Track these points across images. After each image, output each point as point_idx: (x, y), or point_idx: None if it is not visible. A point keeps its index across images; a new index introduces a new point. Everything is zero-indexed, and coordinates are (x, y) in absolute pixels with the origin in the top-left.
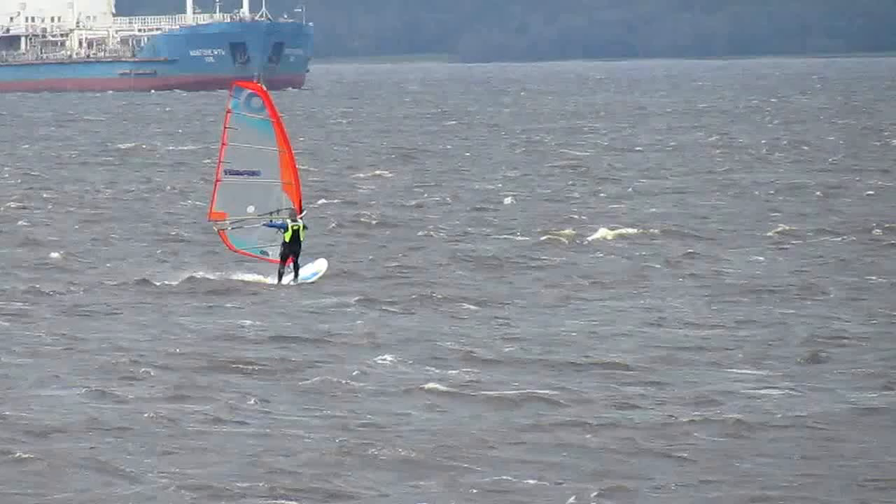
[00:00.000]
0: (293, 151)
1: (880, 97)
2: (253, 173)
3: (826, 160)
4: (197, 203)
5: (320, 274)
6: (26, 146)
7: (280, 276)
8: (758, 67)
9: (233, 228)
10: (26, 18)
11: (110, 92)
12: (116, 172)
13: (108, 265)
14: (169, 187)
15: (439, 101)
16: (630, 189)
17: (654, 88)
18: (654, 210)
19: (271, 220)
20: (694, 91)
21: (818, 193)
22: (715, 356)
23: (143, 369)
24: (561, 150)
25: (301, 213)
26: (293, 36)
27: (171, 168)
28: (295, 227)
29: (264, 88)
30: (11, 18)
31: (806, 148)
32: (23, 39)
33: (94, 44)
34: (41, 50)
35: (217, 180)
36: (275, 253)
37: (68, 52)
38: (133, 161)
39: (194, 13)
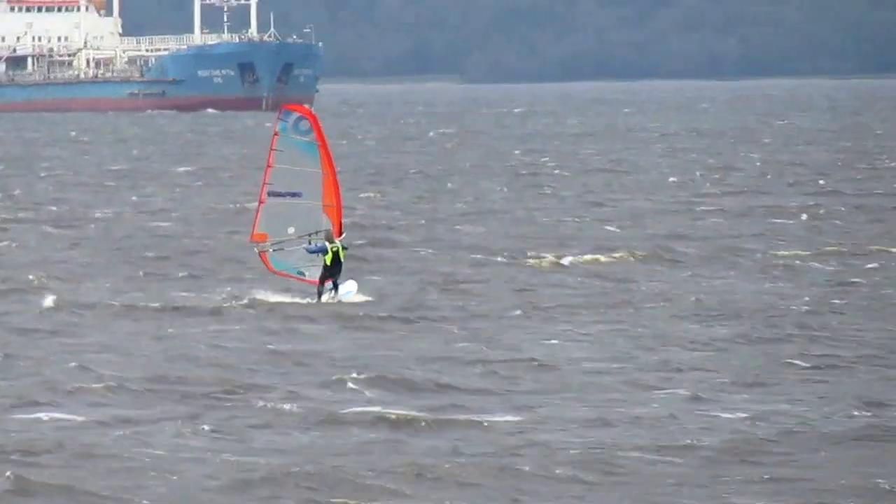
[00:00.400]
0: (337, 174)
1: (881, 119)
2: (294, 195)
3: (815, 182)
4: (181, 226)
5: (352, 293)
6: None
7: (319, 296)
8: (767, 88)
9: (274, 250)
10: (33, 38)
11: (111, 112)
12: (102, 193)
13: (84, 285)
14: (155, 208)
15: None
16: (618, 210)
17: (654, 109)
18: (638, 232)
19: (312, 243)
20: (695, 112)
21: (804, 216)
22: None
23: (101, 390)
24: (548, 170)
25: (340, 235)
26: (302, 56)
27: (166, 188)
28: (334, 249)
29: (313, 112)
30: (18, 38)
31: (799, 170)
32: (30, 59)
33: (102, 64)
34: (48, 70)
35: (260, 202)
36: (312, 273)
37: (76, 73)
38: (123, 182)
39: (202, 33)
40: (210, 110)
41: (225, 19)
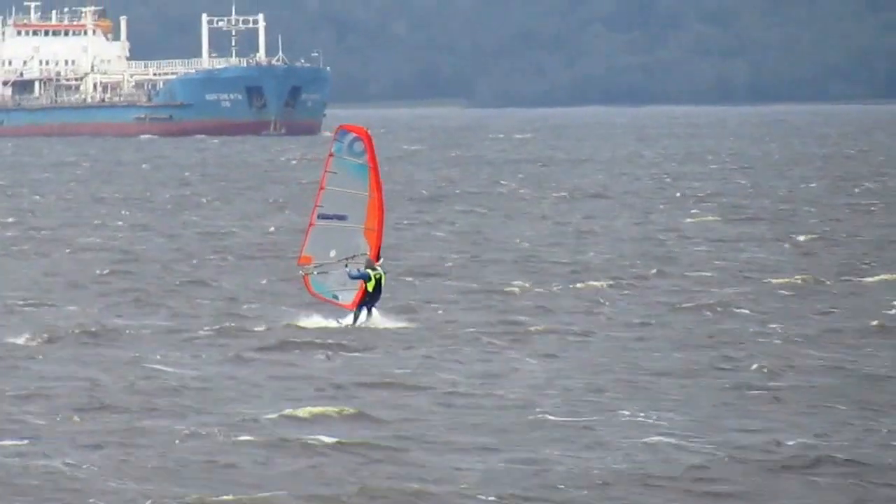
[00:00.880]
0: (383, 198)
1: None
2: (341, 217)
3: (802, 210)
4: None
5: (379, 316)
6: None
7: (356, 319)
8: (777, 114)
9: (318, 273)
10: (40, 62)
11: (120, 136)
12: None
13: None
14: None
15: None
16: (605, 236)
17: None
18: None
19: (353, 268)
20: (691, 137)
21: (786, 245)
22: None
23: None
24: (534, 196)
25: (377, 259)
26: (310, 80)
27: (158, 215)
28: (377, 276)
29: (369, 133)
30: (25, 62)
31: (782, 193)
32: (36, 83)
33: (109, 88)
34: (55, 94)
35: (311, 224)
36: (344, 297)
37: (83, 97)
38: (103, 205)
39: (210, 57)
40: (203, 136)
41: (233, 43)
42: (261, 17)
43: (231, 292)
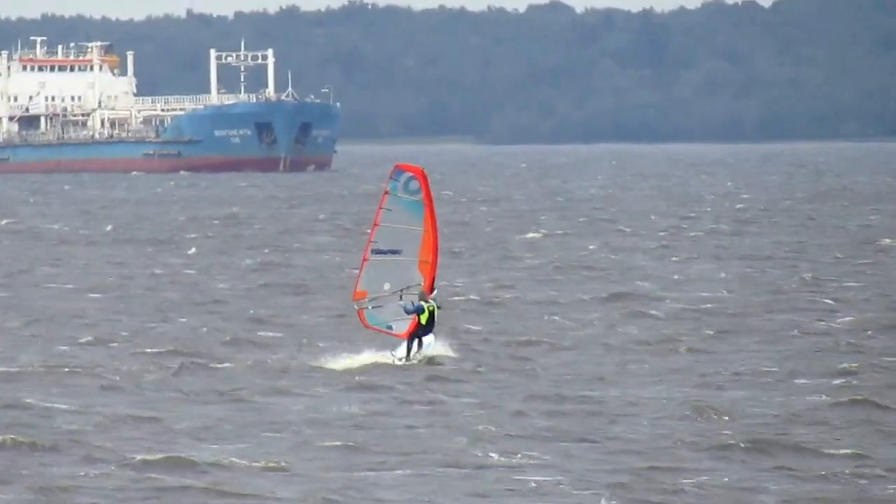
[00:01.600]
0: (438, 231)
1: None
2: (395, 252)
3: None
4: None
5: (433, 345)
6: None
7: (409, 350)
8: (787, 152)
9: (373, 307)
10: (46, 98)
11: (134, 173)
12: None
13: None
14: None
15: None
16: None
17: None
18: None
19: (407, 301)
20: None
21: (763, 299)
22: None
23: None
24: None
25: (431, 291)
26: (320, 116)
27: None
28: (431, 309)
29: (424, 171)
30: (31, 98)
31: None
32: (42, 119)
33: (117, 124)
34: (62, 130)
35: (364, 259)
36: (398, 327)
37: (90, 133)
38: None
39: (219, 93)
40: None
41: (242, 79)
42: (270, 52)
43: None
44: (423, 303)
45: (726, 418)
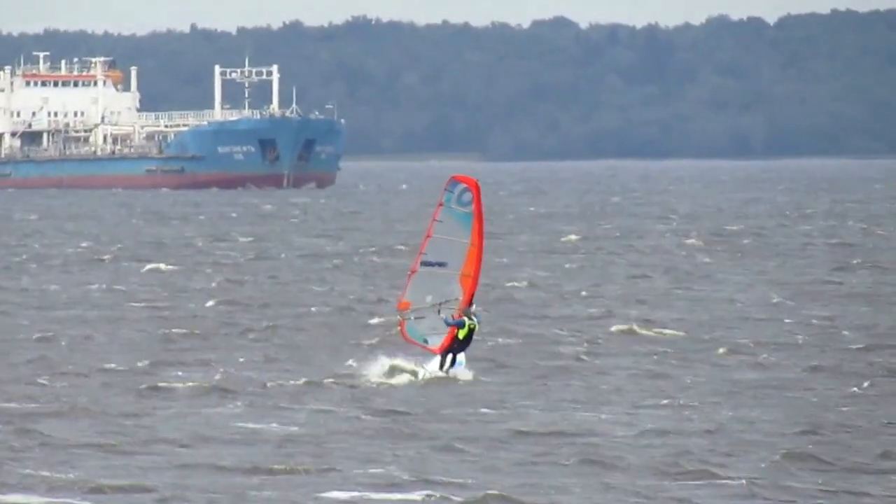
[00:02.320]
0: (483, 246)
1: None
2: (441, 264)
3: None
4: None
5: (464, 364)
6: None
7: (442, 365)
8: (791, 168)
9: (415, 318)
10: (48, 114)
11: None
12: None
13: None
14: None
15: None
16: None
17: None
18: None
19: (447, 315)
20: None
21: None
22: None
23: None
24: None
25: (469, 305)
26: (324, 133)
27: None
28: (472, 326)
29: (478, 183)
30: (33, 113)
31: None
32: (45, 135)
33: (120, 140)
34: (64, 145)
35: (413, 271)
36: (433, 342)
37: (93, 149)
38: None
39: (223, 109)
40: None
41: (246, 95)
42: (275, 68)
43: None
44: (465, 318)
45: None
